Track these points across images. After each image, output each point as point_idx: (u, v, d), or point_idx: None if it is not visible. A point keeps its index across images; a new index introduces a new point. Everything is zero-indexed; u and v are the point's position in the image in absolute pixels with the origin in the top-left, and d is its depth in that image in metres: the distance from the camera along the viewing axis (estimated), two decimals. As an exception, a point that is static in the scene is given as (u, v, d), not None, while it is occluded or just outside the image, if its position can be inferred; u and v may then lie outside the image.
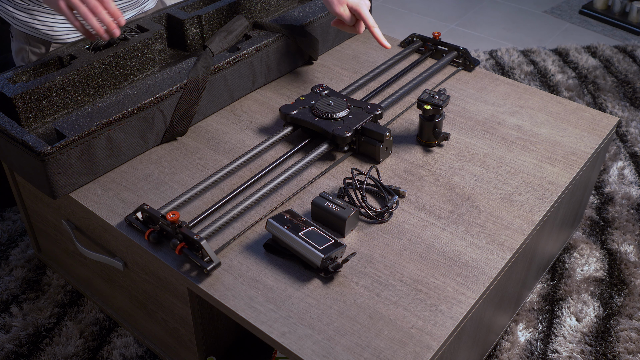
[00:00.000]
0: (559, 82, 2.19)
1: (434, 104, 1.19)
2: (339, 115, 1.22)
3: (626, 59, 2.34)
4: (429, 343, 0.90)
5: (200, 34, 1.46)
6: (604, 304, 1.40)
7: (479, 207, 1.12)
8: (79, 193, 1.14)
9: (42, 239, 1.42)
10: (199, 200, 1.13)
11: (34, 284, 1.45)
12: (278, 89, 1.43)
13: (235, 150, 1.25)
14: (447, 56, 1.49)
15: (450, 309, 0.94)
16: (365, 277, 0.99)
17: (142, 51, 1.33)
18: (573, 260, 1.50)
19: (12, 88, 1.18)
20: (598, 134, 1.30)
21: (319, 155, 1.20)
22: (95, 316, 1.37)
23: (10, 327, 1.35)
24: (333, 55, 1.56)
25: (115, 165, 1.19)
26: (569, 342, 1.32)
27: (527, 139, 1.28)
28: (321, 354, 0.88)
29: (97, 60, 1.25)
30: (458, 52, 1.50)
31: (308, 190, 1.16)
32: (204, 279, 0.99)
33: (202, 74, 1.25)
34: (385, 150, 1.21)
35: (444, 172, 1.19)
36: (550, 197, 1.15)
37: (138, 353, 1.29)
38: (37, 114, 1.21)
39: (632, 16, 2.60)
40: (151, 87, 1.22)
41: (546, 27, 2.64)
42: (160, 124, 1.23)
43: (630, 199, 1.68)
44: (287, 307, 0.94)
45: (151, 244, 1.04)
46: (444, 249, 1.04)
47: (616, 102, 2.08)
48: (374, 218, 1.08)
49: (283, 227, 1.01)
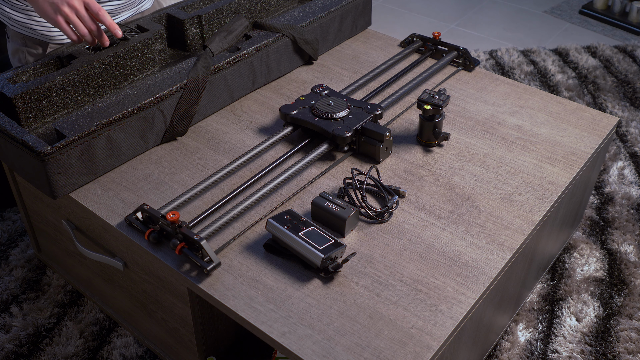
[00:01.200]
0: (559, 82, 2.19)
1: (434, 104, 1.19)
2: (339, 115, 1.22)
3: (626, 59, 2.34)
4: (429, 343, 0.89)
5: (200, 34, 1.46)
6: (604, 304, 1.40)
7: (479, 207, 1.12)
8: (79, 193, 1.14)
9: (42, 239, 1.42)
10: (199, 200, 1.13)
11: (34, 284, 1.45)
12: (278, 89, 1.43)
13: (235, 150, 1.25)
14: (447, 56, 1.49)
15: (450, 309, 0.94)
16: (365, 277, 0.99)
17: (142, 51, 1.33)
18: (573, 260, 1.50)
19: (12, 88, 1.18)
20: (598, 134, 1.30)
21: (319, 155, 1.20)
22: (95, 316, 1.37)
23: (10, 327, 1.35)
24: (333, 55, 1.56)
25: (116, 165, 1.19)
26: (569, 342, 1.32)
27: (527, 139, 1.28)
28: (321, 354, 0.88)
29: (97, 60, 1.25)
30: (458, 52, 1.50)
31: (308, 190, 1.16)
32: (204, 279, 0.99)
33: (202, 74, 1.25)
34: (385, 150, 1.21)
35: (444, 172, 1.19)
36: (550, 197, 1.15)
37: (138, 353, 1.29)
38: (37, 114, 1.21)
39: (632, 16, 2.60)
40: (151, 87, 1.22)
41: (546, 27, 2.64)
42: (160, 124, 1.23)
43: (630, 199, 1.68)
44: (287, 307, 0.94)
45: (151, 244, 1.04)
46: (444, 249, 1.04)
47: (616, 102, 2.08)
48: (374, 218, 1.08)
49: (283, 227, 1.00)
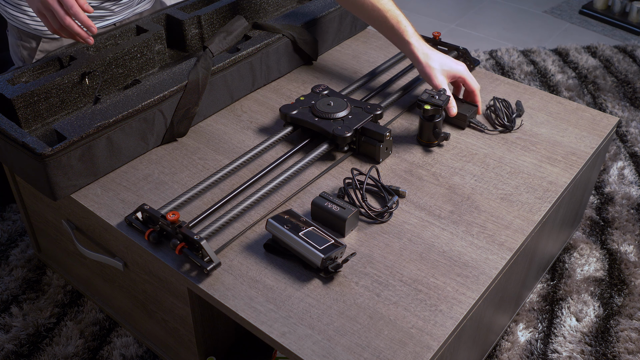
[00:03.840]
0: (559, 82, 2.19)
1: (434, 104, 1.19)
2: (339, 115, 1.22)
3: (626, 59, 2.34)
4: (429, 343, 0.90)
5: (200, 34, 1.46)
6: (604, 304, 1.40)
7: (479, 207, 1.12)
8: (78, 193, 1.14)
9: (42, 239, 1.42)
10: (199, 200, 1.13)
11: (34, 284, 1.45)
12: (278, 89, 1.43)
13: (235, 150, 1.25)
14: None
15: (450, 309, 0.94)
16: (365, 277, 0.99)
17: (141, 52, 1.33)
18: (573, 260, 1.50)
19: (12, 89, 1.18)
20: (598, 134, 1.30)
21: (319, 155, 1.20)
22: (95, 316, 1.37)
23: (10, 327, 1.35)
24: (333, 55, 1.56)
25: (116, 166, 1.19)
26: (569, 342, 1.32)
27: (527, 139, 1.28)
28: (321, 354, 0.88)
29: (97, 61, 1.25)
30: (458, 52, 1.50)
31: (308, 190, 1.16)
32: (204, 279, 0.99)
33: (202, 75, 1.25)
34: (385, 150, 1.21)
35: (444, 172, 1.19)
36: (550, 197, 1.15)
37: (138, 353, 1.29)
38: (37, 115, 1.21)
39: (632, 16, 2.60)
40: (151, 88, 1.21)
41: (546, 27, 2.64)
42: (161, 125, 1.23)
43: (630, 199, 1.68)
44: (287, 307, 0.94)
45: (151, 244, 1.04)
46: (444, 249, 1.04)
47: (616, 102, 2.08)
48: (374, 218, 1.08)
49: (283, 227, 1.01)
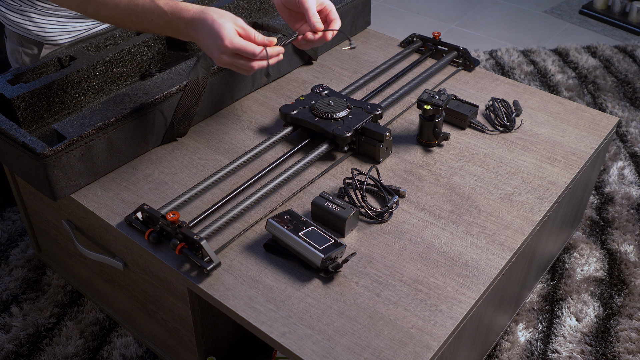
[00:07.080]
0: (559, 82, 2.19)
1: (434, 104, 1.19)
2: (339, 115, 1.22)
3: (626, 59, 2.34)
4: (429, 343, 0.90)
5: (200, 34, 1.46)
6: (604, 304, 1.40)
7: (479, 207, 1.12)
8: (78, 193, 1.14)
9: (42, 239, 1.42)
10: (199, 200, 1.13)
11: (34, 284, 1.45)
12: (278, 89, 1.43)
13: (235, 150, 1.25)
14: (447, 56, 1.49)
15: (450, 309, 0.94)
16: (365, 277, 0.99)
17: (141, 52, 1.33)
18: (573, 260, 1.50)
19: (12, 89, 1.18)
20: (598, 134, 1.30)
21: (319, 155, 1.20)
22: (95, 316, 1.37)
23: (10, 327, 1.35)
24: (333, 55, 1.56)
25: (116, 166, 1.19)
26: (569, 342, 1.32)
27: (527, 139, 1.28)
28: (321, 354, 0.88)
29: (97, 61, 1.25)
30: (458, 52, 1.50)
31: (308, 190, 1.16)
32: (204, 279, 0.99)
33: (202, 75, 1.25)
34: (385, 150, 1.21)
35: (444, 172, 1.19)
36: (550, 197, 1.15)
37: (138, 353, 1.29)
38: (37, 115, 1.21)
39: (632, 16, 2.60)
40: (151, 88, 1.21)
41: (546, 27, 2.64)
42: (161, 125, 1.23)
43: (630, 199, 1.68)
44: (287, 307, 0.94)
45: (151, 244, 1.04)
46: (444, 249, 1.04)
47: (616, 102, 2.08)
48: (374, 218, 1.08)
49: (283, 227, 1.01)
